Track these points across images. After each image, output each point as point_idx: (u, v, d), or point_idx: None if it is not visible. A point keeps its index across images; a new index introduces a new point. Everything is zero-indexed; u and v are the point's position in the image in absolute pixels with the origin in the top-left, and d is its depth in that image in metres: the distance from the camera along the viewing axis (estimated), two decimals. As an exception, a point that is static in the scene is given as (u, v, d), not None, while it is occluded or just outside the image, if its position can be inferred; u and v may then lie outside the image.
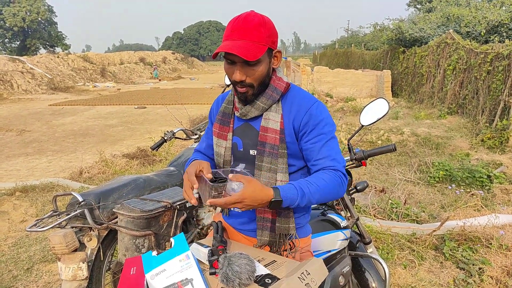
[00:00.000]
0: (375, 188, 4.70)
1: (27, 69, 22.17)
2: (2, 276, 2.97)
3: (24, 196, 4.70)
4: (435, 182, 4.91)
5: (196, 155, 1.55)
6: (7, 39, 51.93)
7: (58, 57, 27.43)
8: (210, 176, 1.22)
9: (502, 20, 10.60)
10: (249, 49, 1.19)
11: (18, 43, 52.60)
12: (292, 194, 1.19)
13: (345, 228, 1.81)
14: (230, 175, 1.17)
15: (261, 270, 1.15)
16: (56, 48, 53.60)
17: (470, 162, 5.54)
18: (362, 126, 2.01)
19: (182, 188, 2.32)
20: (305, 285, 1.08)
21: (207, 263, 1.19)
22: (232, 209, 1.44)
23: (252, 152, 1.36)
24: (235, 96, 1.39)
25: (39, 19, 50.86)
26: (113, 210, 1.99)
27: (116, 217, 1.99)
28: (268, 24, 1.24)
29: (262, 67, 1.26)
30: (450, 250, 3.09)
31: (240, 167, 1.39)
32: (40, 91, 20.15)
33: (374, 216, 3.78)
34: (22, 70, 21.75)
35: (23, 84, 20.13)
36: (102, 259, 2.09)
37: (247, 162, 1.38)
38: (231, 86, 1.43)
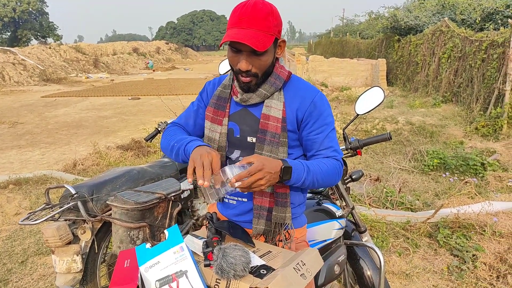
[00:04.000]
0: (370, 177, 4.71)
1: (19, 60, 21.84)
2: (-3, 270, 2.96)
3: (17, 189, 4.66)
4: (430, 170, 4.93)
5: (177, 130, 1.46)
6: (-3, 30, 51.11)
7: (50, 48, 27.03)
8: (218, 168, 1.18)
9: (497, 7, 10.57)
10: (258, 38, 1.16)
11: (9, 34, 51.76)
12: (299, 167, 1.23)
13: (341, 217, 1.81)
14: (239, 161, 1.20)
15: (256, 261, 1.14)
16: (47, 38, 52.83)
17: (464, 150, 5.57)
18: (358, 115, 2.00)
19: (176, 179, 2.30)
20: (301, 275, 1.07)
21: (201, 254, 1.18)
22: (227, 201, 1.43)
23: (250, 139, 1.33)
24: (234, 81, 1.36)
25: (30, 9, 49.98)
26: (107, 202, 1.97)
27: (110, 209, 1.98)
28: (276, 12, 1.22)
29: (268, 56, 1.24)
30: (444, 237, 3.12)
31: (235, 153, 1.37)
32: (32, 83, 19.89)
33: (369, 204, 3.80)
34: (14, 61, 21.42)
35: (14, 76, 19.85)
36: (96, 251, 2.08)
37: (244, 149, 1.36)
38: (229, 73, 1.42)
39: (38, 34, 52.91)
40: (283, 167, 1.18)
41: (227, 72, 2.73)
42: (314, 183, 1.27)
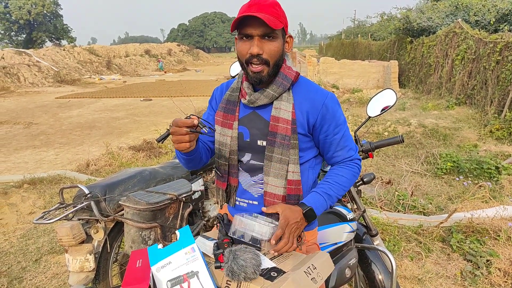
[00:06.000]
0: (382, 179, 4.67)
1: (34, 62, 22.28)
2: (11, 268, 3.01)
3: (32, 188, 4.75)
4: (443, 173, 4.86)
5: None
6: (13, 32, 52.05)
7: (64, 49, 27.52)
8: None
9: (512, 8, 10.39)
10: (270, 18, 1.19)
11: (24, 36, 52.71)
12: (319, 201, 1.29)
13: (352, 220, 1.80)
14: (263, 208, 1.26)
15: (267, 263, 1.14)
16: (62, 41, 53.71)
17: (478, 153, 5.48)
18: (369, 117, 1.99)
19: (187, 180, 2.32)
20: (311, 279, 1.07)
21: (212, 256, 1.19)
22: (238, 203, 1.43)
23: (260, 142, 1.33)
24: (242, 83, 1.36)
25: (45, 11, 50.88)
26: (119, 202, 1.99)
27: (122, 209, 2.00)
28: (281, 7, 1.27)
29: (278, 43, 1.25)
30: (458, 242, 3.07)
31: (246, 156, 1.37)
32: (47, 84, 20.26)
33: (381, 208, 3.76)
34: (29, 63, 21.86)
35: (29, 77, 20.25)
36: (109, 251, 2.10)
37: (254, 153, 1.35)
38: (237, 76, 1.42)
39: (53, 36, 53.83)
40: (304, 212, 1.24)
41: (238, 74, 2.74)
42: (337, 199, 1.35)
